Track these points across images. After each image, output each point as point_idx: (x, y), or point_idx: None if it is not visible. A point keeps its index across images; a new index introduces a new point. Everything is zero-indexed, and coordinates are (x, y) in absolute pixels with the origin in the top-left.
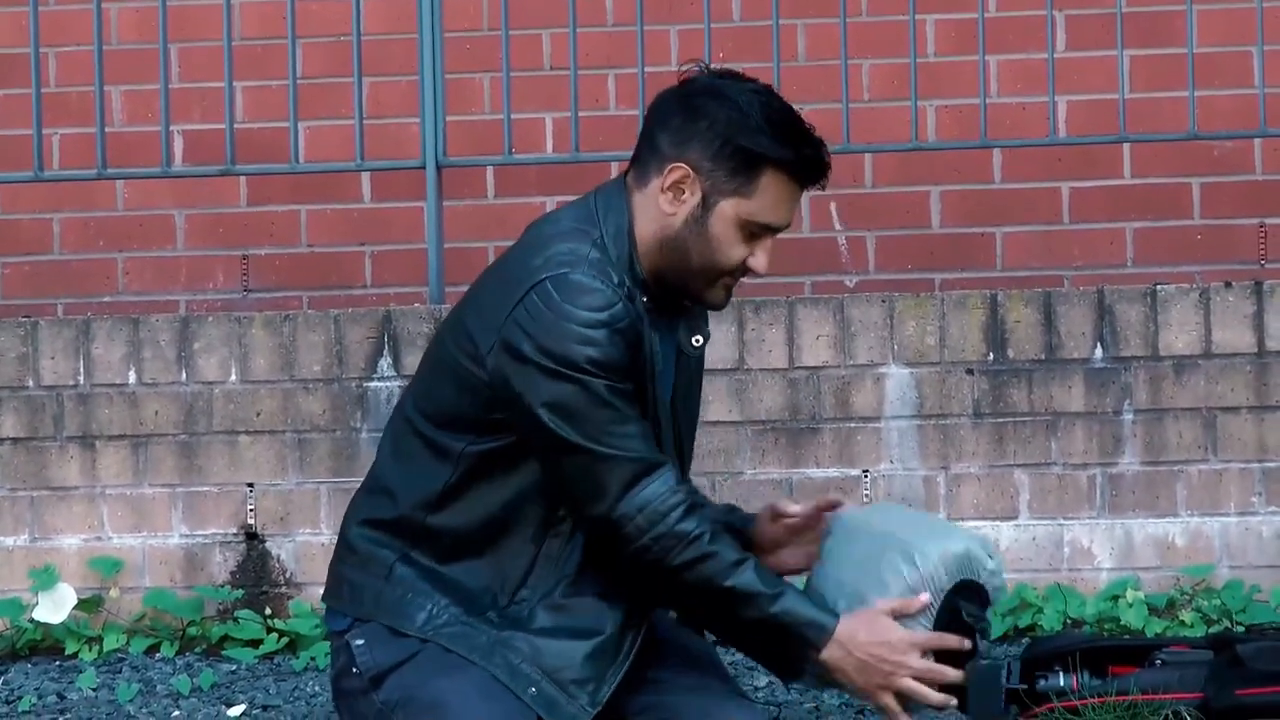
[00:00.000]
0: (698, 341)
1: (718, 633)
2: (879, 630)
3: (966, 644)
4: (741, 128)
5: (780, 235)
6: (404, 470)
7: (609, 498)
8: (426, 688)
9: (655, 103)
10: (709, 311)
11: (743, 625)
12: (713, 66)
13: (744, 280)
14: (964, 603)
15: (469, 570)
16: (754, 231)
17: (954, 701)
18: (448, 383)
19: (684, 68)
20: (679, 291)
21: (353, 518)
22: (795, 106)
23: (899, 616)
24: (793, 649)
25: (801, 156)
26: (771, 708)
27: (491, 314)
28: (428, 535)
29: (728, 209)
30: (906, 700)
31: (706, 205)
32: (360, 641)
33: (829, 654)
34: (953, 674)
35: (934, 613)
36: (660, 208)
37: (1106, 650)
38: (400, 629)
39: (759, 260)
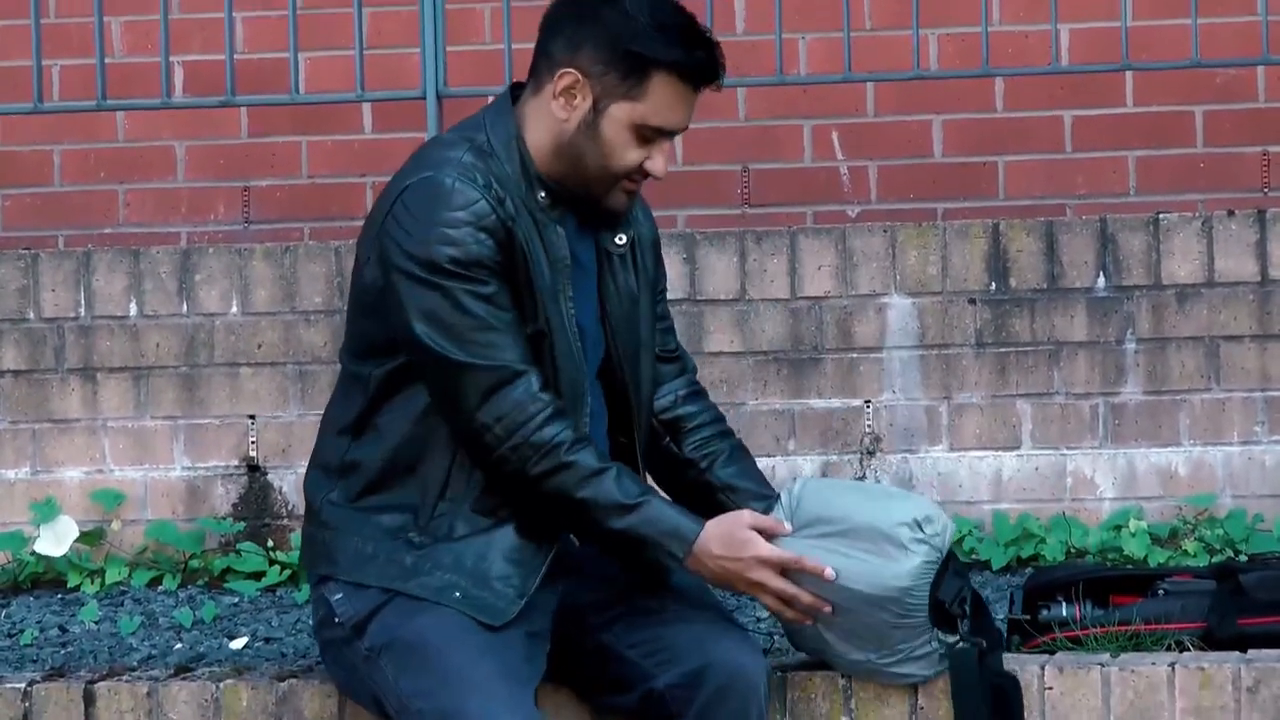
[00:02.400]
0: (620, 240)
1: (587, 542)
2: (735, 545)
3: (829, 572)
4: (630, 31)
5: (782, 164)
6: (332, 409)
7: (468, 406)
8: (408, 628)
9: (548, 10)
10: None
11: (605, 535)
12: None
13: (746, 210)
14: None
15: (390, 496)
16: (647, 135)
17: (809, 620)
18: (358, 313)
19: None
20: (581, 197)
21: (306, 468)
22: (796, 35)
23: (764, 533)
24: (655, 559)
25: (691, 58)
26: (765, 638)
27: (368, 228)
28: (349, 469)
29: (619, 113)
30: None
31: (598, 109)
32: (338, 595)
33: (691, 563)
34: (806, 598)
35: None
36: (553, 114)
37: (1109, 580)
38: (336, 575)
39: (656, 163)
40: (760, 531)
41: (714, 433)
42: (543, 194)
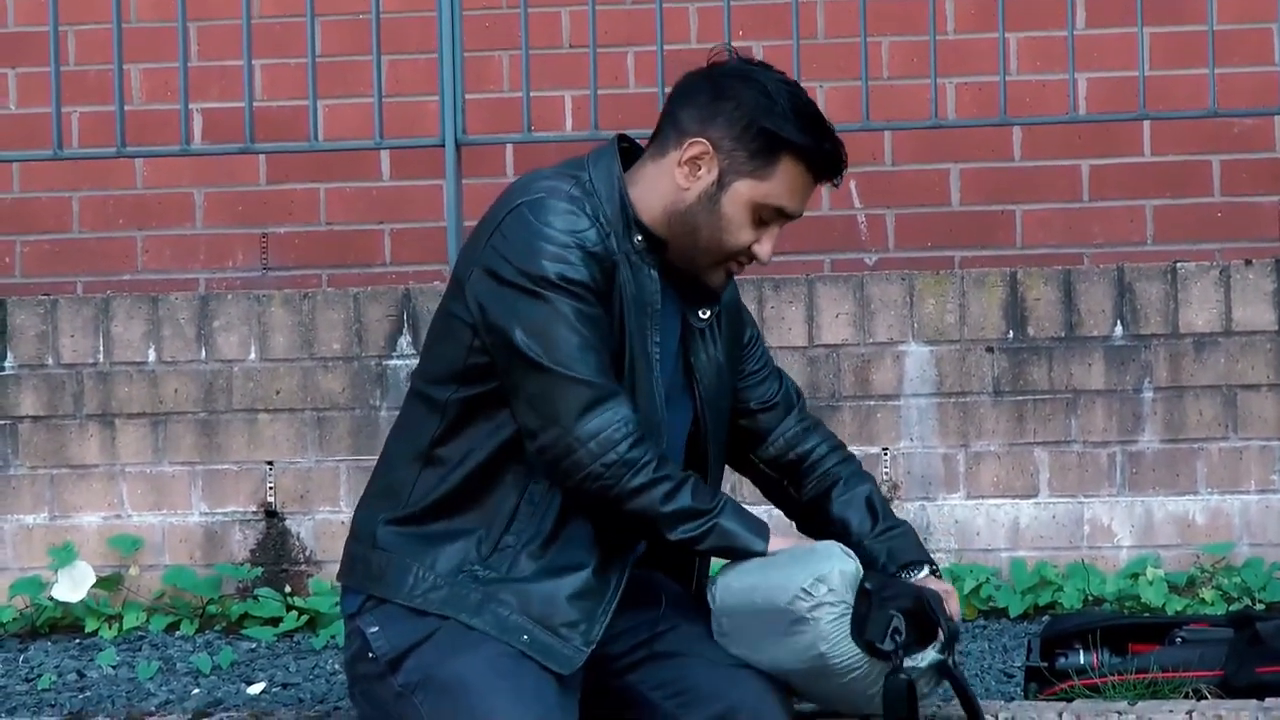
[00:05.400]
0: (704, 315)
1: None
2: None
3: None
4: (768, 111)
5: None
6: (399, 434)
7: (565, 420)
8: (444, 667)
9: (682, 80)
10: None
11: (691, 541)
12: (740, 54)
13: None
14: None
15: (455, 522)
16: (764, 217)
17: None
18: (441, 337)
19: (714, 48)
20: (683, 267)
21: (363, 495)
22: (814, 83)
23: None
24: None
25: (821, 148)
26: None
27: (471, 250)
28: (417, 493)
29: (742, 189)
30: None
31: (722, 184)
32: (375, 628)
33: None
34: None
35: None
36: (675, 181)
37: (1126, 628)
38: (391, 597)
39: (763, 247)
40: None
41: (826, 468)
42: (639, 237)
